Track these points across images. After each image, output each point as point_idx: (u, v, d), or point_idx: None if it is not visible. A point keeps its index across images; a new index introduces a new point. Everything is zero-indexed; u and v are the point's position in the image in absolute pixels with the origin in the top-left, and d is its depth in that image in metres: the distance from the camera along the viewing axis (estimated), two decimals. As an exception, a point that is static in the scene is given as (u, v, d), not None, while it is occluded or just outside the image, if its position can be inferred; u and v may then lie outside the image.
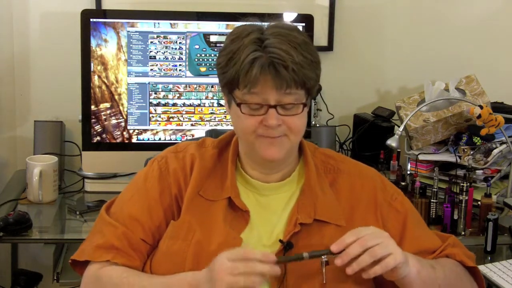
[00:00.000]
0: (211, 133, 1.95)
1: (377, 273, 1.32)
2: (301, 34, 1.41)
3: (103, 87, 2.32)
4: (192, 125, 2.38)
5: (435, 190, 2.12)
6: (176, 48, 2.34)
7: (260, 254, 1.28)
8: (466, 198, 2.09)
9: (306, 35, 1.43)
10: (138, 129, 2.36)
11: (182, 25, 2.34)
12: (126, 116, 2.35)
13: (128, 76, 2.33)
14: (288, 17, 2.42)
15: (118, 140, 2.35)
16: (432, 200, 2.13)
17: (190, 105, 2.37)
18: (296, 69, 1.36)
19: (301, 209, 1.46)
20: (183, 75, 2.36)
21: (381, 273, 1.32)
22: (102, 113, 2.33)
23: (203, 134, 2.31)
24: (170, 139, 2.37)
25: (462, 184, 2.10)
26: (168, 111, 2.36)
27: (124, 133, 2.35)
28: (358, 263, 1.31)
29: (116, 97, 2.33)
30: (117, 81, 2.33)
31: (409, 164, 2.40)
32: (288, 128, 1.40)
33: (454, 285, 1.46)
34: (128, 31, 2.32)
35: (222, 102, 2.37)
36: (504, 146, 2.29)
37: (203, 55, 2.36)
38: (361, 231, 1.34)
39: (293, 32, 1.40)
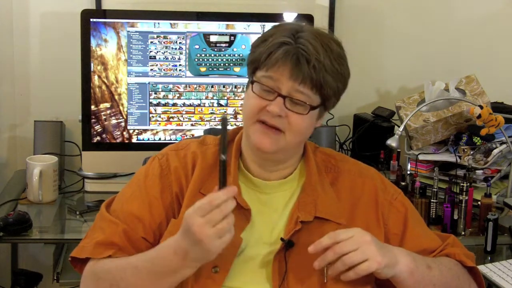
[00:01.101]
0: (210, 133, 1.94)
1: (351, 278, 1.34)
2: (340, 47, 1.43)
3: (103, 87, 2.32)
4: (192, 125, 2.38)
5: (435, 190, 2.12)
6: (176, 48, 2.34)
7: (223, 194, 1.26)
8: (466, 198, 2.09)
9: (344, 53, 1.44)
10: (138, 129, 2.36)
11: (182, 25, 2.34)
12: (126, 116, 2.34)
13: (128, 76, 2.33)
14: (288, 17, 2.42)
15: (118, 140, 2.35)
16: (432, 200, 2.13)
17: (190, 105, 2.37)
18: (317, 67, 1.37)
19: (302, 207, 1.46)
20: (183, 75, 2.36)
21: (355, 278, 1.34)
22: (102, 113, 2.33)
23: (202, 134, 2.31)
24: (170, 139, 2.36)
25: (462, 184, 2.10)
26: (168, 111, 2.36)
27: (124, 133, 2.35)
28: (333, 270, 1.35)
29: (116, 97, 2.33)
30: (117, 81, 2.33)
31: (409, 164, 2.40)
32: (288, 123, 1.39)
33: (450, 284, 1.46)
34: (128, 31, 2.31)
35: (222, 102, 2.37)
36: (504, 146, 2.29)
37: (203, 55, 2.35)
38: (339, 235, 1.35)
39: (332, 41, 1.42)
